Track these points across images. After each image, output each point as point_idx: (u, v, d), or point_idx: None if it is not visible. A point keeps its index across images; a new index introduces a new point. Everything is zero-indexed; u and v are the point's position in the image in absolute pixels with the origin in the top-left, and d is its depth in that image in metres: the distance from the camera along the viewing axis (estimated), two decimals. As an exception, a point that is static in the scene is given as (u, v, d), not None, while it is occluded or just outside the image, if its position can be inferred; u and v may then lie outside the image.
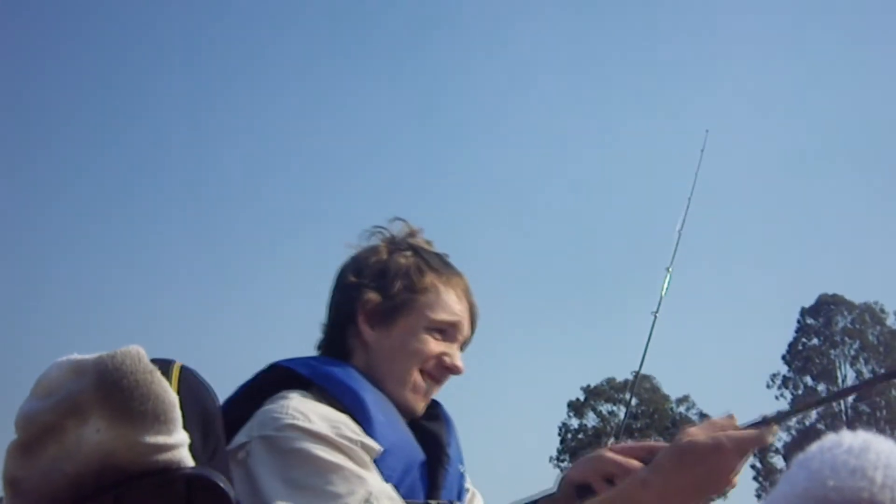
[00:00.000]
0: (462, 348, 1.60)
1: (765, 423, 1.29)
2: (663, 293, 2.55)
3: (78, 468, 0.80)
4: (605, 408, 36.56)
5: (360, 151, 46.51)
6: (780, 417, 1.33)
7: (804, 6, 45.57)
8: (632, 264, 44.52)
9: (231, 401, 1.43)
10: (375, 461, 1.36)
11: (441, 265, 1.60)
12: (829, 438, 0.46)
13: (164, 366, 1.11)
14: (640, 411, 36.22)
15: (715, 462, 1.25)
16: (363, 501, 1.28)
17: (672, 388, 36.43)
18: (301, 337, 1.64)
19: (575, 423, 36.62)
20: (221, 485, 0.84)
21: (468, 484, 1.61)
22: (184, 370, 1.12)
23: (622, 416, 36.30)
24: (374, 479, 1.32)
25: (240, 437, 1.34)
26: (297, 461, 1.29)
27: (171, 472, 0.83)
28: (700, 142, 3.14)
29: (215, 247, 44.87)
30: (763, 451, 34.92)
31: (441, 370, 1.55)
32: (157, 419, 0.81)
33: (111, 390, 0.80)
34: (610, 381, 36.64)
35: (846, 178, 43.75)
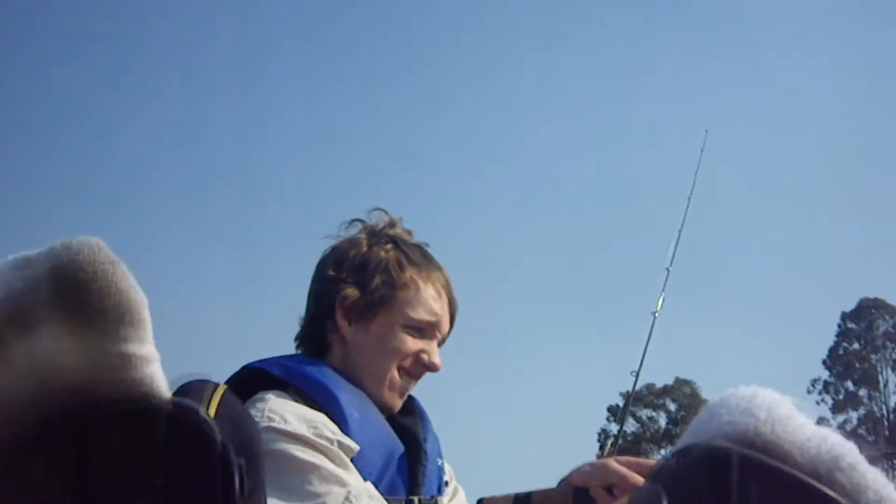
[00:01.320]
0: (440, 344, 1.60)
1: None
2: (662, 294, 2.53)
3: (29, 391, 0.64)
4: (644, 413, 36.56)
5: (361, 155, 46.48)
6: None
7: (808, 6, 44.99)
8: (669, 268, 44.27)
9: None
10: (354, 459, 1.37)
11: (421, 259, 1.58)
12: (729, 391, 0.55)
13: (204, 387, 0.95)
14: (679, 417, 36.20)
15: None
16: (342, 500, 1.28)
17: (712, 394, 35.91)
18: (288, 334, 1.62)
19: (614, 428, 36.46)
20: (205, 426, 0.69)
21: (447, 477, 1.60)
22: (227, 396, 0.93)
23: (662, 421, 36.25)
24: (352, 478, 1.33)
25: None
26: (274, 462, 1.28)
27: (148, 402, 0.67)
28: (700, 141, 3.15)
29: (213, 248, 44.95)
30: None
31: (418, 367, 1.55)
32: (122, 320, 0.65)
33: (65, 285, 0.64)
34: (650, 386, 36.58)
35: (886, 181, 43.29)
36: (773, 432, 0.51)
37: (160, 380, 0.68)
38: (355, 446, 1.37)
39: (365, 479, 1.37)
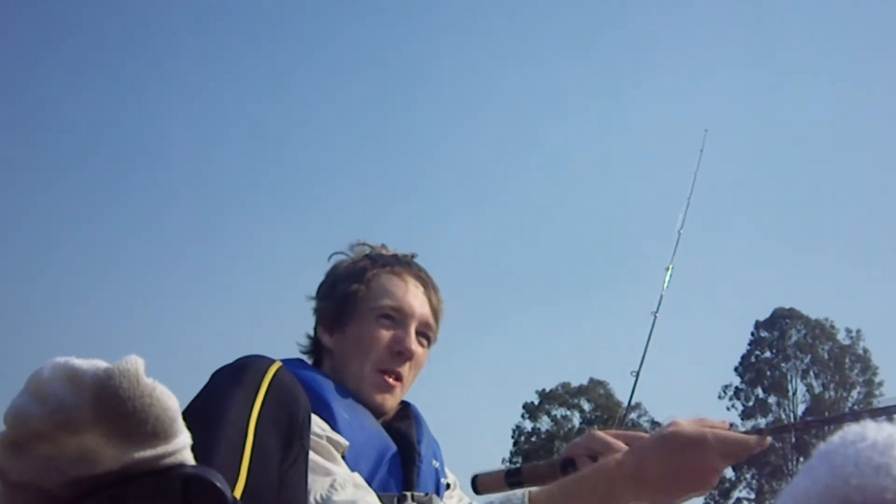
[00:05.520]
0: (430, 340, 1.65)
1: (757, 432, 1.25)
2: (664, 291, 2.55)
3: (73, 468, 0.79)
4: (559, 412, 36.67)
5: (334, 153, 45.65)
6: (774, 430, 1.31)
7: (803, 7, 45.94)
8: (589, 268, 44.73)
9: None
10: (346, 458, 1.39)
11: (391, 260, 1.66)
12: (852, 430, 0.43)
13: (264, 365, 1.16)
14: (594, 417, 36.41)
15: (695, 455, 1.21)
16: (328, 487, 1.29)
17: (625, 395, 36.53)
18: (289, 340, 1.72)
19: (529, 425, 36.62)
20: (218, 484, 0.81)
21: (449, 481, 1.63)
22: (278, 376, 1.15)
23: (576, 420, 36.40)
24: (339, 469, 1.34)
25: None
26: None
27: (169, 471, 0.81)
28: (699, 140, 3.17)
29: (208, 244, 43.77)
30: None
31: (394, 358, 1.58)
32: (157, 436, 0.79)
33: (107, 415, 0.77)
34: (565, 385, 36.77)
35: (804, 193, 44.55)
36: None
37: (187, 458, 0.83)
38: (345, 442, 1.39)
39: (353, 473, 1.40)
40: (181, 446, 0.82)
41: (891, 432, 0.41)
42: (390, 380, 1.59)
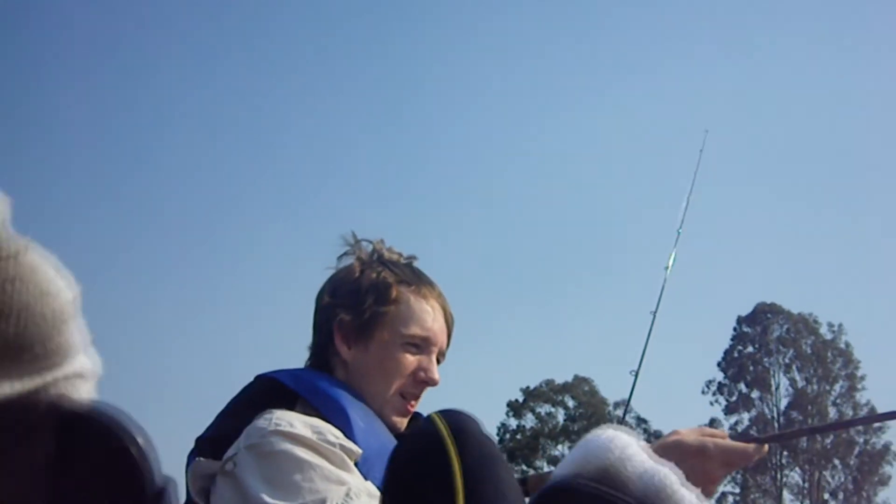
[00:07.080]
0: (440, 359, 1.64)
1: (756, 440, 1.30)
2: (663, 291, 2.57)
3: None
4: (543, 409, 36.70)
5: (331, 151, 45.49)
6: (771, 439, 1.40)
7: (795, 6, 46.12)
8: (573, 266, 44.77)
9: (223, 414, 1.51)
10: (360, 467, 1.40)
11: (412, 276, 1.64)
12: (596, 431, 0.73)
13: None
14: (578, 414, 36.45)
15: (696, 464, 1.23)
16: (343, 496, 1.30)
17: (609, 392, 36.69)
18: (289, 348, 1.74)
19: (513, 423, 36.61)
20: (122, 423, 0.45)
21: None
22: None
23: (560, 417, 36.45)
24: (353, 478, 1.35)
25: (229, 451, 1.39)
26: (278, 462, 1.33)
27: (34, 408, 0.45)
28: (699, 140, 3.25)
29: (206, 243, 43.66)
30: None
31: (417, 385, 1.60)
32: (20, 355, 0.43)
33: None
34: (549, 382, 36.78)
35: (785, 187, 44.73)
36: (623, 466, 0.68)
37: (76, 389, 0.48)
38: (358, 450, 1.41)
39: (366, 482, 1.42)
40: (71, 373, 0.47)
41: (616, 433, 0.71)
42: (410, 404, 1.61)
